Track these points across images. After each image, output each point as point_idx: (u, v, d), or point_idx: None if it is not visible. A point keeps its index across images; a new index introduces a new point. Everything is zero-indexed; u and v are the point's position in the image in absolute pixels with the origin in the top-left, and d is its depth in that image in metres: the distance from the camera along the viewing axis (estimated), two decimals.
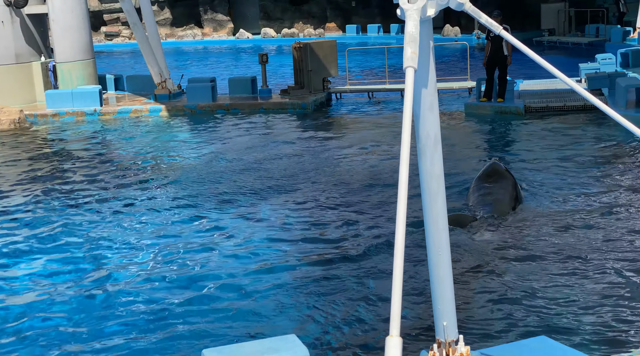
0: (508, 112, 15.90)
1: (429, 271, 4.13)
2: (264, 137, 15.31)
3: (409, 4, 3.34)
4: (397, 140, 13.38)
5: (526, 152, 12.67)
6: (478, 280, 7.21)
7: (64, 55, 19.89)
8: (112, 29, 41.04)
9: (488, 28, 3.54)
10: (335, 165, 12.36)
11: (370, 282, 7.35)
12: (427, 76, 3.71)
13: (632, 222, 8.67)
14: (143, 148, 14.71)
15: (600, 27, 29.01)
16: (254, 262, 8.06)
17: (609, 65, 19.37)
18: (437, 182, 3.92)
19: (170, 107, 18.68)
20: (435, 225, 4.00)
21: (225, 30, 40.54)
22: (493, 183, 9.54)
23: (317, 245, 8.50)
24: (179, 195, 10.84)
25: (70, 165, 13.50)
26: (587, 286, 6.94)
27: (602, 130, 13.78)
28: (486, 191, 9.43)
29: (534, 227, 8.65)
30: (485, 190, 9.46)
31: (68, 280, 7.84)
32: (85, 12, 20.37)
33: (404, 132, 2.96)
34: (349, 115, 17.81)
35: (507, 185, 9.55)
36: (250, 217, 9.65)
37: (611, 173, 10.86)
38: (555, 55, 26.32)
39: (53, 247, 8.90)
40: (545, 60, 3.49)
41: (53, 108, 18.72)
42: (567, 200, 9.63)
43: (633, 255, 7.64)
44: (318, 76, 19.33)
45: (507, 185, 9.53)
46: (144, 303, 7.13)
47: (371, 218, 9.33)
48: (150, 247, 8.72)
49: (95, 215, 10.11)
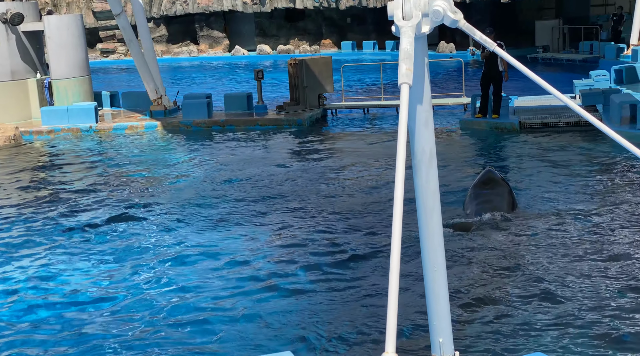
0: (503, 128, 15.95)
1: (425, 288, 4.12)
2: (260, 153, 15.32)
3: (404, 21, 3.37)
4: (392, 156, 13.41)
5: (521, 168, 12.69)
6: (475, 294, 7.19)
7: (59, 72, 19.93)
8: (108, 46, 41.13)
9: (483, 45, 3.56)
10: (331, 182, 12.36)
11: (366, 299, 7.33)
12: (422, 92, 3.72)
13: (625, 237, 8.68)
14: (137, 164, 14.70)
15: (595, 43, 29.18)
16: (248, 280, 8.04)
17: (603, 81, 19.45)
18: (432, 198, 3.92)
19: (165, 123, 18.69)
20: (431, 241, 3.99)
21: (221, 47, 40.66)
22: (489, 190, 9.74)
23: (311, 263, 8.48)
24: (172, 212, 10.82)
25: (65, 181, 13.47)
26: (584, 302, 6.93)
27: (596, 147, 13.82)
28: (483, 199, 9.61)
29: (531, 237, 8.67)
30: (483, 197, 9.64)
31: (56, 303, 7.80)
32: (81, 29, 20.43)
33: (399, 148, 2.97)
34: (345, 131, 17.84)
35: (504, 192, 9.74)
36: (244, 236, 9.62)
37: (604, 189, 10.88)
38: (549, 71, 26.45)
39: (43, 266, 8.86)
40: (539, 77, 3.51)
41: (48, 125, 18.71)
42: (561, 215, 9.63)
43: (629, 269, 7.64)
44: (314, 92, 19.38)
45: (503, 192, 9.73)
46: (141, 322, 7.09)
47: (366, 235, 9.32)
48: (142, 265, 8.69)
49: (89, 232, 10.08)
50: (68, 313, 7.38)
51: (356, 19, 39.12)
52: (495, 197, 9.60)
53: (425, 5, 3.45)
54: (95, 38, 40.84)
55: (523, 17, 35.39)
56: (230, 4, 39.20)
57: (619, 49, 25.49)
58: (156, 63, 19.87)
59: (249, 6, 38.93)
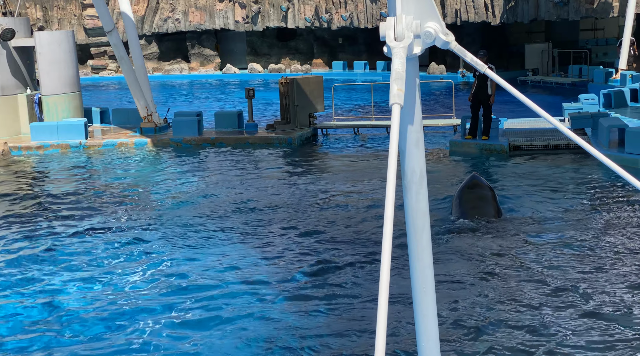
0: (492, 150, 16.02)
1: (414, 308, 4.11)
2: (249, 171, 15.30)
3: (396, 42, 3.38)
4: (382, 176, 13.43)
5: (509, 188, 12.73)
6: (465, 310, 7.18)
7: (50, 88, 19.90)
8: (98, 62, 41.14)
9: (473, 67, 3.57)
10: (320, 202, 12.35)
11: (355, 321, 7.30)
12: (413, 113, 3.73)
13: (609, 252, 8.71)
14: (127, 181, 14.65)
15: (584, 67, 29.44)
16: (229, 298, 8.00)
17: (591, 105, 19.60)
18: (422, 218, 3.92)
19: (156, 140, 18.67)
20: (421, 261, 3.98)
21: (212, 65, 40.76)
22: (475, 195, 10.35)
23: (299, 283, 8.45)
24: (158, 229, 10.77)
25: (52, 198, 13.40)
26: (573, 313, 6.93)
27: (584, 170, 13.89)
28: (471, 205, 10.18)
29: (518, 246, 8.71)
30: (470, 202, 10.21)
31: (39, 319, 7.73)
32: (72, 45, 20.43)
33: (390, 168, 2.97)
34: (335, 150, 17.86)
35: (489, 197, 10.32)
36: (228, 255, 9.57)
37: (591, 210, 10.92)
38: (538, 94, 26.63)
39: (29, 280, 8.79)
40: (529, 100, 3.52)
41: (38, 141, 18.65)
42: (547, 238, 9.66)
43: (614, 280, 7.66)
44: (304, 111, 19.42)
45: (488, 197, 10.32)
46: (126, 337, 7.04)
47: (355, 254, 9.30)
48: (121, 281, 8.64)
49: (76, 247, 10.01)
50: (46, 332, 7.31)
51: (347, 39, 39.34)
52: (480, 202, 10.17)
53: (417, 27, 3.46)
54: (86, 54, 40.85)
55: (513, 40, 35.69)
56: (222, 23, 39.36)
57: (608, 73, 25.72)
58: (147, 80, 19.88)
59: (240, 25, 39.09)
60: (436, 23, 3.53)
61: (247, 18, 38.79)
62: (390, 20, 3.40)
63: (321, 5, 37.44)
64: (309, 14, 37.69)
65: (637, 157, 13.74)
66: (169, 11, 39.87)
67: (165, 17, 39.91)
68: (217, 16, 39.31)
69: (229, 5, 39.11)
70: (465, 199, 10.31)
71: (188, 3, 39.65)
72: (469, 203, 10.20)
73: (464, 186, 10.60)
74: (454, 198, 10.53)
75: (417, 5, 3.54)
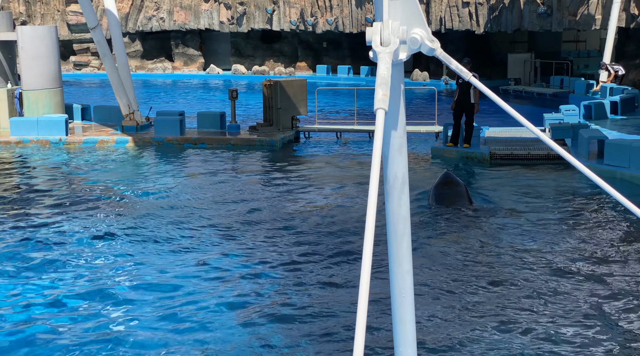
0: (473, 158, 16.10)
1: (392, 314, 4.11)
2: (229, 173, 15.27)
3: (382, 47, 3.39)
4: (362, 180, 13.46)
5: (487, 196, 12.80)
6: (443, 315, 7.20)
7: (31, 83, 19.73)
8: (81, 59, 40.86)
9: (458, 74, 3.59)
10: (300, 204, 12.34)
11: (335, 327, 7.29)
12: (397, 118, 3.74)
13: (578, 256, 8.79)
14: (105, 179, 14.55)
15: (565, 78, 29.68)
16: (207, 301, 7.97)
17: (572, 116, 19.75)
18: (403, 224, 3.93)
19: (137, 139, 18.57)
20: (400, 267, 3.99)
21: (195, 65, 40.62)
22: (449, 190, 11.68)
23: (275, 285, 8.43)
24: (132, 228, 10.71)
25: (29, 193, 13.29)
26: (557, 316, 6.98)
27: (563, 179, 14.00)
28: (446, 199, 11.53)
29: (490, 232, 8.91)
30: (444, 196, 11.59)
31: (20, 320, 7.66)
32: (55, 41, 20.28)
33: (373, 173, 2.97)
34: (317, 154, 17.87)
35: (462, 191, 11.70)
36: (205, 258, 9.52)
37: (566, 218, 11.01)
38: (520, 104, 26.80)
39: (6, 275, 8.70)
40: (512, 109, 3.54)
41: (17, 136, 18.49)
42: (516, 216, 9.73)
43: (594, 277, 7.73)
44: (287, 114, 19.41)
45: (462, 191, 11.72)
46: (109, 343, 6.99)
47: (335, 257, 9.29)
48: (92, 280, 8.58)
49: (52, 246, 9.93)
50: (20, 335, 7.24)
51: (332, 43, 39.38)
52: (455, 196, 11.53)
53: (404, 33, 3.48)
54: (69, 50, 40.57)
55: (496, 49, 35.91)
56: (206, 23, 39.26)
57: (589, 84, 25.93)
58: (130, 78, 19.77)
59: (225, 25, 39.01)
60: (422, 29, 3.55)
61: (232, 19, 38.73)
62: (377, 25, 3.41)
63: (307, 9, 37.47)
64: (294, 17, 37.70)
65: (615, 168, 13.88)
66: (153, 10, 39.71)
67: (150, 16, 39.74)
68: (202, 16, 39.21)
69: (214, 5, 39.03)
70: (439, 194, 11.62)
71: (173, 2, 39.51)
72: (443, 198, 11.53)
73: (439, 183, 11.87)
74: (430, 194, 11.82)
75: (404, 12, 3.56)
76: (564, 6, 31.12)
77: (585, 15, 30.59)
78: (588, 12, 30.51)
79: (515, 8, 32.38)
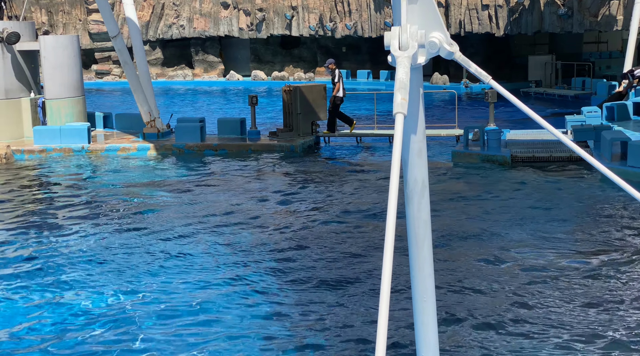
0: (495, 161, 16.01)
1: (414, 317, 4.10)
2: (250, 178, 15.31)
3: (400, 51, 3.39)
4: (383, 185, 13.43)
5: (507, 200, 12.73)
6: (460, 318, 7.17)
7: (53, 92, 19.93)
8: (103, 67, 41.22)
9: (477, 77, 3.58)
10: (321, 209, 12.34)
11: (355, 328, 7.29)
12: (417, 122, 3.74)
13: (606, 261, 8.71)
14: (128, 186, 14.66)
15: (587, 80, 29.43)
16: (218, 305, 7.99)
17: (594, 118, 19.58)
18: (423, 228, 3.92)
19: (158, 146, 18.68)
20: (421, 271, 3.98)
21: (215, 72, 40.82)
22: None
23: (295, 289, 8.44)
24: (154, 234, 10.77)
25: (53, 201, 13.42)
26: (565, 321, 6.92)
27: (585, 182, 13.88)
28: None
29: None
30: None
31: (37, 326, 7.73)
32: (77, 50, 20.47)
33: (393, 177, 2.97)
34: (337, 159, 17.87)
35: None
36: (220, 264, 9.57)
37: (590, 222, 10.91)
38: (542, 106, 26.63)
39: (34, 284, 8.79)
40: (533, 111, 3.52)
41: (40, 144, 18.67)
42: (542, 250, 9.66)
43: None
44: (307, 119, 19.43)
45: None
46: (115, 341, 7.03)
47: (355, 263, 9.29)
48: (115, 286, 8.64)
49: (75, 252, 10.01)
50: (36, 334, 7.31)
51: (351, 48, 39.39)
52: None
53: (422, 37, 3.47)
54: (91, 59, 40.94)
55: (517, 52, 35.71)
56: (226, 29, 39.45)
57: (611, 86, 25.70)
58: (151, 85, 19.90)
59: (244, 32, 39.18)
60: (441, 33, 3.54)
61: (252, 25, 38.88)
62: (395, 29, 3.41)
63: (325, 14, 37.53)
64: (313, 22, 37.76)
65: (639, 170, 13.73)
66: (173, 17, 39.98)
67: (170, 23, 40.01)
68: (221, 23, 39.41)
69: (234, 12, 39.21)
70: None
71: (193, 10, 39.75)
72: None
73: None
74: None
75: (422, 16, 3.55)
76: (584, 7, 30.90)
77: (607, 16, 30.34)
78: (609, 13, 30.27)
79: (536, 10, 32.20)
